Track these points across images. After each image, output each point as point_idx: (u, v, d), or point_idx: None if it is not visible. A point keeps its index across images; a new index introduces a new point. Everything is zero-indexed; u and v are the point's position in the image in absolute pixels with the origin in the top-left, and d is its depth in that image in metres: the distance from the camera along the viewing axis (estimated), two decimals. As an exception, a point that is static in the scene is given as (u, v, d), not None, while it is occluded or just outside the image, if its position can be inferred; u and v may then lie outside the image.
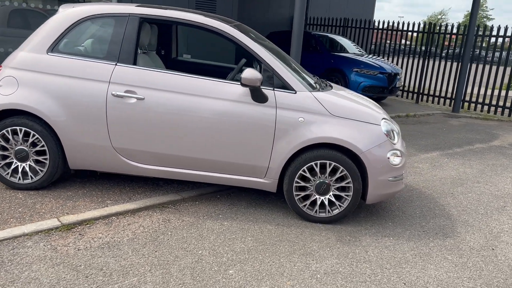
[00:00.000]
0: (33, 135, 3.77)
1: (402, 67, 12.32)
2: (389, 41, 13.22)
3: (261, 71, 3.73)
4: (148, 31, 4.02)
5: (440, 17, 63.19)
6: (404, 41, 12.27)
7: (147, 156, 3.79)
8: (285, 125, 3.67)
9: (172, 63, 5.15)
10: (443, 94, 12.49)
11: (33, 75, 3.72)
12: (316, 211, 3.80)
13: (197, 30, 8.34)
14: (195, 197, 4.11)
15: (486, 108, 11.72)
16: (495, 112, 10.93)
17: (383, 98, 11.48)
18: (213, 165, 3.79)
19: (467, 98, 13.00)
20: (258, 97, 3.64)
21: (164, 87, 3.67)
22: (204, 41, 8.92)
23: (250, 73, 3.47)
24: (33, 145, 3.82)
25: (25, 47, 3.83)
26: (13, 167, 3.85)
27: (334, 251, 3.38)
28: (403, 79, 12.58)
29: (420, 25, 11.71)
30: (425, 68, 11.61)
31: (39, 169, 3.85)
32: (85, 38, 3.86)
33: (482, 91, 15.05)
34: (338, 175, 3.71)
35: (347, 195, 3.75)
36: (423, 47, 11.58)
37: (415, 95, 12.07)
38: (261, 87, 3.69)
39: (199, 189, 4.25)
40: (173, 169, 3.83)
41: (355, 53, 11.25)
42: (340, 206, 3.78)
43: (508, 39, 10.24)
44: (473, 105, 11.91)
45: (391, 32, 12.35)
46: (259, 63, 3.75)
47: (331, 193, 3.77)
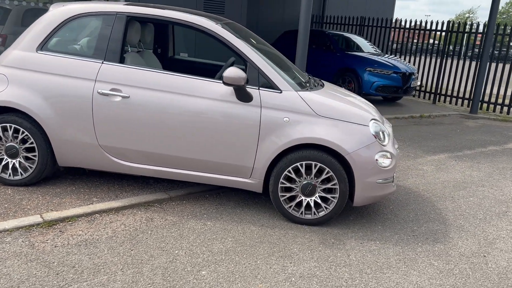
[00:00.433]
0: (22, 132, 3.82)
1: (420, 66, 12.05)
2: (415, 41, 12.86)
3: (246, 70, 3.68)
4: (137, 29, 4.03)
5: (468, 15, 61.64)
6: (432, 41, 11.89)
7: (133, 154, 3.79)
8: (270, 125, 3.61)
9: (168, 62, 5.15)
10: (461, 94, 12.14)
11: (23, 73, 3.78)
12: (302, 213, 3.73)
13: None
14: (183, 196, 4.10)
15: (506, 109, 11.35)
16: (515, 113, 10.58)
17: (398, 98, 11.25)
18: (198, 164, 3.76)
19: (486, 98, 12.60)
20: (242, 96, 3.59)
21: (149, 86, 3.67)
22: (202, 40, 8.90)
23: (232, 72, 3.43)
24: (23, 142, 3.88)
25: (17, 45, 3.88)
26: (3, 163, 3.92)
27: (314, 254, 3.31)
28: (420, 79, 12.30)
29: (438, 23, 11.43)
30: (443, 67, 11.32)
31: (29, 166, 3.91)
32: (74, 36, 3.89)
33: (502, 91, 14.60)
34: (323, 176, 3.63)
35: (333, 197, 3.67)
36: (447, 46, 11.25)
37: (432, 95, 11.77)
38: (247, 86, 3.65)
39: (188, 188, 4.23)
40: (159, 167, 3.83)
41: (370, 53, 11.06)
42: (326, 208, 3.70)
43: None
44: (492, 106, 11.53)
45: (413, 31, 12.06)
46: (244, 61, 3.70)
47: (317, 195, 3.69)
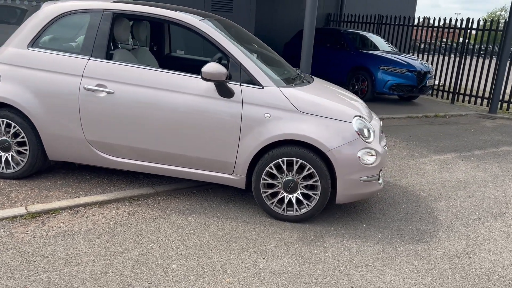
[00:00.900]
0: (14, 127, 3.94)
1: (439, 65, 11.78)
2: (444, 40, 12.52)
3: (228, 66, 3.69)
4: (125, 26, 4.09)
5: (500, 13, 59.76)
6: (462, 39, 11.50)
7: (118, 149, 3.85)
8: (251, 121, 3.60)
9: (165, 60, 5.21)
10: (480, 93, 11.79)
11: (15, 69, 3.89)
12: (284, 209, 3.71)
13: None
14: (170, 192, 4.13)
15: (528, 109, 10.97)
16: (537, 113, 10.21)
17: (414, 97, 11.03)
18: (181, 160, 3.79)
19: (507, 98, 12.21)
20: (223, 92, 3.60)
21: (133, 81, 3.72)
22: (199, 37, 8.90)
23: (210, 67, 3.44)
24: (15, 136, 4.00)
25: (10, 42, 4.00)
26: (-3, 157, 4.05)
27: (290, 250, 3.28)
28: (439, 78, 12.02)
29: (457, 21, 11.14)
30: (462, 66, 11.02)
31: (21, 160, 4.02)
32: (63, 33, 3.98)
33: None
34: (305, 173, 3.59)
35: (315, 194, 3.63)
36: (467, 45, 10.94)
37: (451, 94, 11.48)
38: (230, 82, 3.65)
39: (176, 184, 4.27)
40: (143, 162, 3.87)
41: (386, 51, 10.88)
42: (308, 205, 3.66)
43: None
44: (513, 106, 11.17)
45: (436, 29, 11.78)
46: (226, 57, 3.71)
47: (299, 191, 3.66)
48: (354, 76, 10.35)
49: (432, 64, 11.69)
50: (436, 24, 11.57)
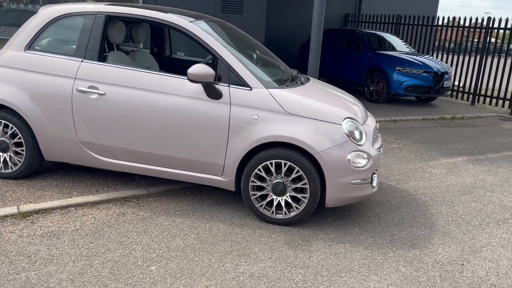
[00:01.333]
0: (11, 128, 4.02)
1: (459, 65, 11.47)
2: (476, 40, 12.17)
3: (217, 67, 3.66)
4: (119, 28, 4.12)
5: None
6: (493, 40, 11.15)
7: (109, 150, 3.88)
8: (239, 123, 3.57)
9: (165, 61, 5.23)
10: (502, 94, 11.40)
11: (12, 72, 3.97)
12: (273, 212, 3.66)
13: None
14: (162, 193, 4.14)
15: (552, 111, 10.53)
16: (561, 115, 9.80)
17: (432, 99, 10.75)
18: (171, 161, 3.79)
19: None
20: (211, 93, 3.58)
21: (124, 83, 3.74)
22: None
23: (197, 69, 3.42)
24: (13, 136, 4.08)
25: (10, 45, 4.09)
26: (-5, 157, 4.14)
27: (274, 254, 3.23)
28: (458, 79, 11.70)
29: (478, 20, 10.83)
30: (483, 66, 10.69)
31: (18, 160, 4.10)
32: (59, 36, 4.04)
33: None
34: (294, 175, 3.54)
35: (304, 197, 3.56)
36: (488, 44, 10.59)
37: (471, 96, 11.15)
38: (219, 83, 3.63)
39: (169, 185, 4.27)
40: (135, 164, 3.89)
41: (403, 52, 10.65)
42: (297, 208, 3.60)
43: None
44: (537, 108, 10.74)
45: (456, 29, 11.49)
46: (215, 58, 3.69)
47: (288, 194, 3.61)
48: (369, 77, 10.18)
49: (452, 64, 11.39)
50: (456, 24, 11.27)
